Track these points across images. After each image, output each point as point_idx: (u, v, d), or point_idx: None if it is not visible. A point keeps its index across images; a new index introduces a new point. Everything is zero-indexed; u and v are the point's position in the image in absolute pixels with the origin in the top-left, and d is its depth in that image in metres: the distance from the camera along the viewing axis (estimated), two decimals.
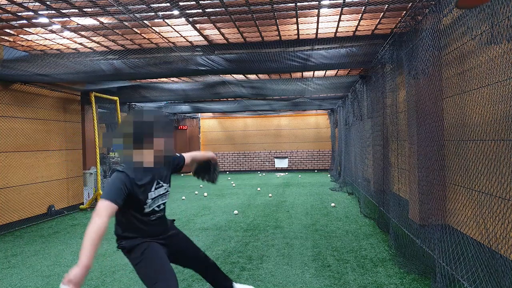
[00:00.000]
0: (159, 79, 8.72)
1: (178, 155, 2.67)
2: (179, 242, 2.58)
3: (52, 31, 5.46)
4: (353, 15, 5.16)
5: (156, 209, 2.36)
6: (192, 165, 2.85)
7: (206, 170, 2.87)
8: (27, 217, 6.80)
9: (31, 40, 5.87)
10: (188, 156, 2.74)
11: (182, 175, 15.99)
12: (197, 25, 5.46)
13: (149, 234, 2.37)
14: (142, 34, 5.76)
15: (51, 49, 6.34)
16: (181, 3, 4.56)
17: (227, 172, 16.88)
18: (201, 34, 5.82)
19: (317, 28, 5.70)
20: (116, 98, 8.96)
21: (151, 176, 2.31)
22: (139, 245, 2.32)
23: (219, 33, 5.76)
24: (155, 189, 2.34)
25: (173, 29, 5.55)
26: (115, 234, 2.39)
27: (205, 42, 6.25)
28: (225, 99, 11.71)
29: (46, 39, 5.82)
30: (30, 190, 6.95)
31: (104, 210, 2.04)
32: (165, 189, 2.42)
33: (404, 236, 4.65)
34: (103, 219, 2.00)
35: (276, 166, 16.84)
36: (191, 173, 2.92)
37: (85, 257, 1.88)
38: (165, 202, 2.45)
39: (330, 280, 3.59)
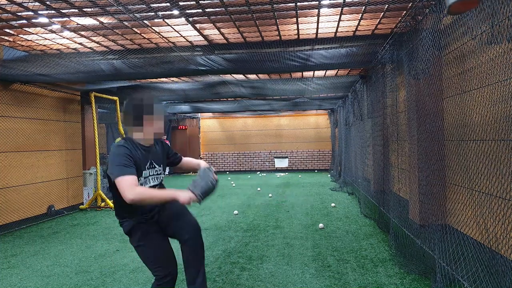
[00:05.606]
0: (159, 79, 8.71)
1: (178, 154, 2.88)
2: (170, 216, 2.60)
3: (52, 31, 5.46)
4: (353, 15, 5.15)
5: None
6: (188, 168, 2.97)
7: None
8: (27, 217, 6.79)
9: (31, 40, 5.86)
10: (184, 159, 2.91)
11: (183, 174, 16.00)
12: (197, 25, 5.46)
13: (141, 211, 2.46)
14: (142, 34, 5.75)
15: (51, 49, 6.33)
16: (181, 3, 4.56)
17: (227, 172, 16.87)
18: (201, 34, 5.81)
19: (317, 28, 5.70)
20: (115, 98, 8.96)
21: (146, 155, 2.46)
22: (135, 227, 2.45)
23: (219, 33, 5.76)
24: (148, 168, 2.47)
25: (173, 29, 5.54)
26: (115, 211, 2.56)
27: (205, 42, 6.25)
28: (225, 99, 11.70)
29: (46, 39, 5.81)
30: (30, 190, 6.95)
31: (129, 186, 2.16)
32: (157, 171, 2.55)
33: (404, 236, 4.64)
34: (134, 190, 2.15)
35: (276, 166, 16.83)
36: (191, 173, 3.01)
37: (166, 194, 2.26)
38: (156, 185, 2.55)
39: (330, 280, 3.59)
